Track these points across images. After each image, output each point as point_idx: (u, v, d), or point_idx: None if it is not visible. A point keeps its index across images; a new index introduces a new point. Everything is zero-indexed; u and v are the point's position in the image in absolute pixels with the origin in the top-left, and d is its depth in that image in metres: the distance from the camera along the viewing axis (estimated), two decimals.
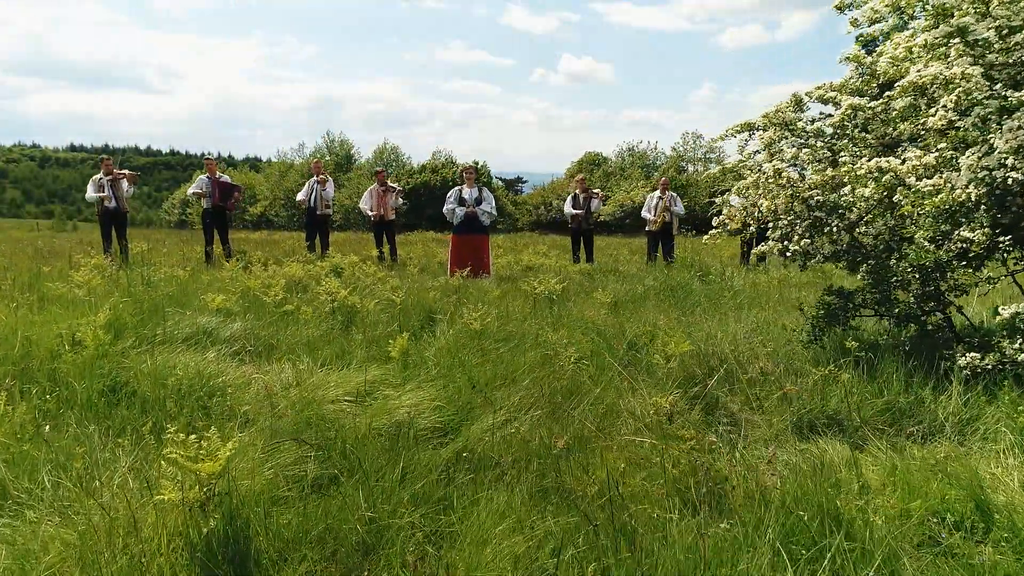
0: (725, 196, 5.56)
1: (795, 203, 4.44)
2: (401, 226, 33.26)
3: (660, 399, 3.41)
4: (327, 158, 46.41)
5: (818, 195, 4.30)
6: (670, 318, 6.10)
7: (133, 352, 4.23)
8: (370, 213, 13.24)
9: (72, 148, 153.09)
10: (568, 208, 13.49)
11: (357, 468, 2.75)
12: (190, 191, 13.21)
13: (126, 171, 12.46)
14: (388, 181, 13.54)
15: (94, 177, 12.29)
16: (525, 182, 59.78)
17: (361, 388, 3.84)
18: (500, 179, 52.33)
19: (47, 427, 3.12)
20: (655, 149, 50.26)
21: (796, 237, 4.33)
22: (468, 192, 10.66)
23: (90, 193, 12.31)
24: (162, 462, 2.18)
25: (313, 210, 13.24)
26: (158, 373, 3.73)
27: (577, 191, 13.56)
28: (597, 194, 13.54)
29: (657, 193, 13.23)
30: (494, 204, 10.95)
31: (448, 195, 10.81)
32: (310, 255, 12.48)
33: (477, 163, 40.14)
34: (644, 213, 13.45)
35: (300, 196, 13.40)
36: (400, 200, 13.50)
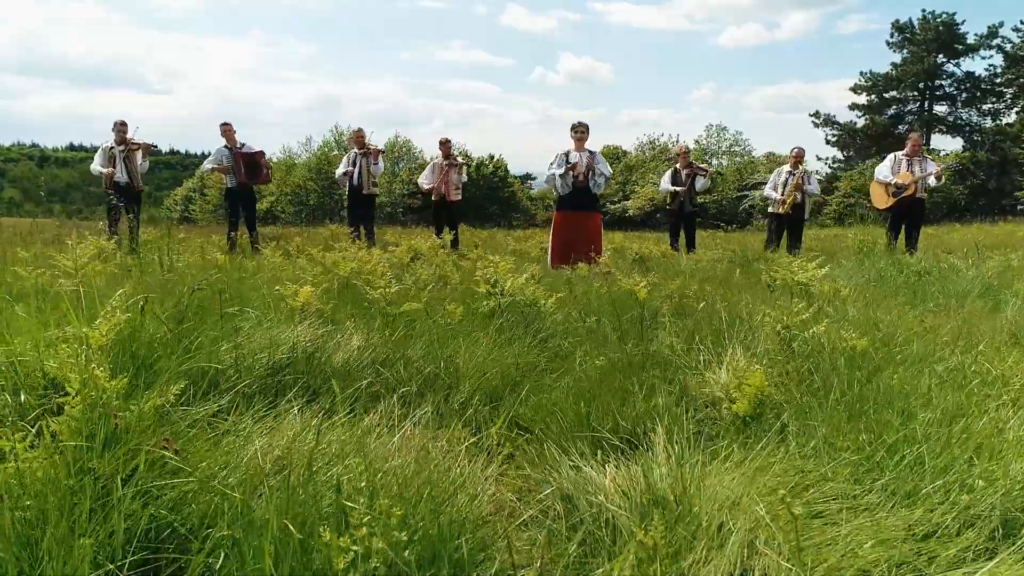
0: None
1: None
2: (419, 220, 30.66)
3: None
4: (334, 152, 43.73)
5: None
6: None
7: (182, 422, 1.72)
8: (426, 186, 10.93)
9: (71, 148, 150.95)
10: (666, 184, 11.00)
11: None
12: (206, 166, 10.55)
13: (142, 141, 9.76)
14: (455, 155, 11.08)
15: (104, 145, 9.74)
16: (535, 179, 58.10)
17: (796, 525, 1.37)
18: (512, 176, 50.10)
19: None
20: (676, 143, 48.13)
21: None
22: (577, 156, 8.13)
23: (96, 165, 9.71)
24: None
25: (358, 188, 10.69)
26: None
27: (679, 166, 11.06)
28: (705, 171, 10.97)
29: (787, 168, 10.49)
30: (609, 172, 8.41)
31: (551, 160, 8.30)
32: (357, 242, 9.97)
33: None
34: (768, 191, 10.83)
35: (341, 171, 10.84)
36: (465, 176, 11.06)
